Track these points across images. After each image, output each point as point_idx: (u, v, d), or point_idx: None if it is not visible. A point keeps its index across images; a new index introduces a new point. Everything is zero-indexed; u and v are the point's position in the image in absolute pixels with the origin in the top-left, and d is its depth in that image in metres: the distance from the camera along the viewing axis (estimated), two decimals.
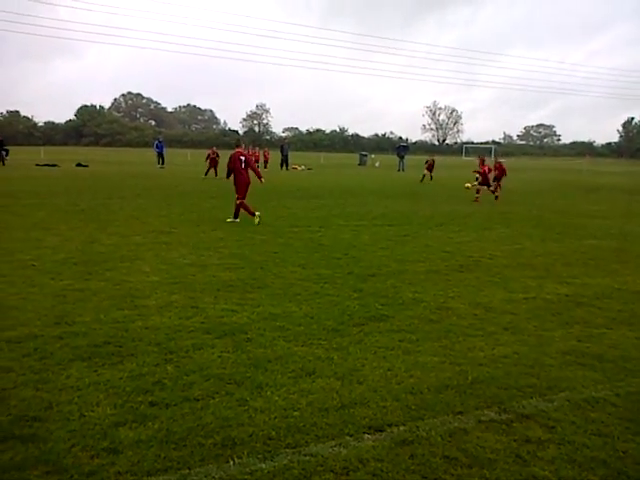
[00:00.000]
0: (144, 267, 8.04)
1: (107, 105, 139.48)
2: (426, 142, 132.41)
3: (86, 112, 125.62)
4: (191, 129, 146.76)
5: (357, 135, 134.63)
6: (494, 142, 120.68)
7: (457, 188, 24.29)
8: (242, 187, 12.91)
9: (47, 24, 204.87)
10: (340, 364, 4.73)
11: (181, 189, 21.56)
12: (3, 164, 35.62)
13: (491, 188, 19.91)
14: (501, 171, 20.66)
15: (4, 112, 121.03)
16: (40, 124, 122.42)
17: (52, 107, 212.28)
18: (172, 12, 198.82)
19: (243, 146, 13.30)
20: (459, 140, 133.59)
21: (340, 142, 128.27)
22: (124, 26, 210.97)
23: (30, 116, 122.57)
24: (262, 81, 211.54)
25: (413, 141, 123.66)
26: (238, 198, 12.93)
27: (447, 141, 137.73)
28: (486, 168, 19.91)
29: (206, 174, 28.22)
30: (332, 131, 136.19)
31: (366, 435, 3.59)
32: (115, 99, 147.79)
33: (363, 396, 4.13)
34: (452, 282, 7.72)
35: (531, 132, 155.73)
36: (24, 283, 6.95)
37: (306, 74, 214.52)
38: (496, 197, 19.69)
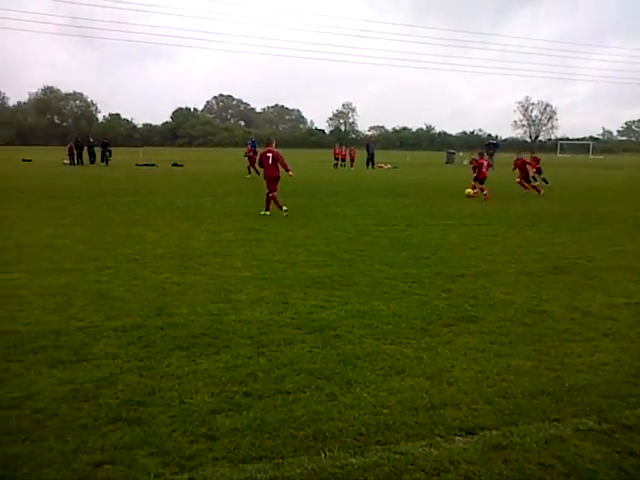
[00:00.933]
0: (236, 263, 8.34)
1: (200, 107, 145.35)
2: (517, 139, 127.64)
3: (181, 114, 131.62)
4: (279, 129, 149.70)
5: (444, 133, 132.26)
6: (592, 138, 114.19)
7: (551, 187, 23.27)
8: (271, 182, 13.91)
9: (144, 30, 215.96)
10: (429, 364, 4.69)
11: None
12: (107, 164, 38.05)
13: (535, 183, 20.03)
14: (525, 165, 20.65)
15: (107, 115, 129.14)
16: (139, 126, 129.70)
17: (149, 110, 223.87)
18: (261, 15, 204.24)
19: (274, 144, 14.44)
20: (553, 137, 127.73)
21: (426, 140, 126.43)
22: (216, 30, 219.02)
23: (130, 119, 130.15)
24: (349, 80, 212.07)
25: (503, 138, 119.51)
26: (270, 192, 13.85)
27: (540, 138, 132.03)
28: (484, 161, 19.49)
29: (249, 172, 27.75)
30: (418, 129, 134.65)
31: (457, 437, 3.54)
32: (207, 101, 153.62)
33: (454, 397, 4.08)
34: (546, 284, 7.42)
35: (633, 127, 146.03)
36: (127, 276, 7.42)
37: (393, 72, 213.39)
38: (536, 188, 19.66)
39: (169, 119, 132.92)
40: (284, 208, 13.59)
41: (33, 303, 6.14)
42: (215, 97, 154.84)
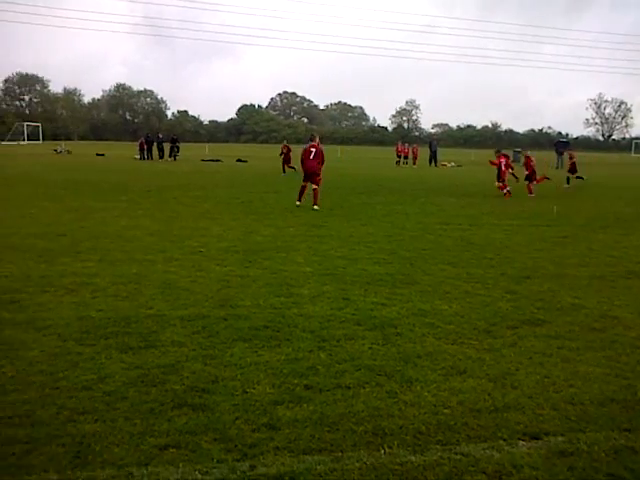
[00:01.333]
0: (298, 258, 8.43)
1: (264, 104, 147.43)
2: (589, 137, 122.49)
3: (245, 111, 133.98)
4: (341, 126, 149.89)
5: (511, 131, 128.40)
6: None
7: (624, 187, 22.22)
8: (310, 176, 14.44)
9: (213, 29, 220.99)
10: (492, 366, 4.60)
11: (331, 185, 22.15)
12: (174, 159, 39.28)
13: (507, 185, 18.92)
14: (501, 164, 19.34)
15: (175, 112, 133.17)
16: (205, 123, 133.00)
17: (215, 107, 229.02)
18: (326, 13, 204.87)
19: (317, 140, 14.91)
20: (627, 135, 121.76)
21: (492, 138, 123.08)
22: (281, 28, 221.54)
23: (197, 115, 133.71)
24: (413, 77, 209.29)
25: (574, 136, 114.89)
26: (315, 183, 14.45)
27: (613, 136, 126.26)
28: (502, 160, 18.96)
29: (284, 171, 27.69)
30: (484, 127, 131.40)
31: (520, 441, 3.45)
32: (272, 98, 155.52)
33: (517, 401, 3.98)
34: (618, 289, 7.11)
35: None
36: (193, 267, 7.64)
37: (459, 68, 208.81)
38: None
39: (234, 116, 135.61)
40: (315, 207, 14.11)
41: (106, 290, 6.43)
42: (279, 94, 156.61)
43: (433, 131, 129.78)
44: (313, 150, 14.45)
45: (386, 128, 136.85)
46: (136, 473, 3.05)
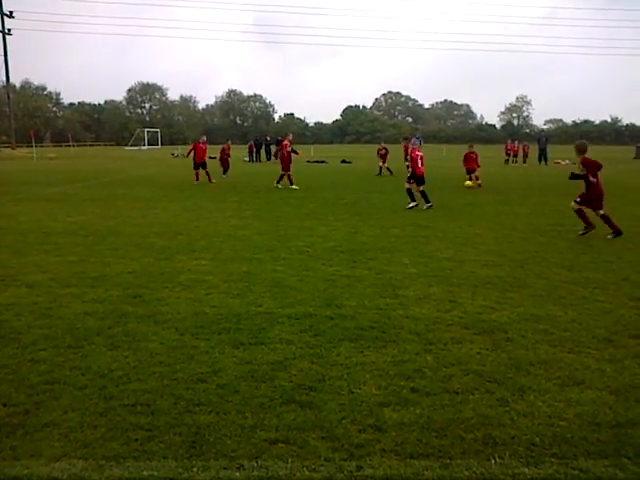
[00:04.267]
0: (403, 259, 8.36)
1: (369, 105, 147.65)
2: None
3: (350, 112, 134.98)
4: (447, 124, 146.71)
5: (633, 125, 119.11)
6: None
7: None
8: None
9: (319, 33, 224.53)
10: (614, 377, 4.29)
11: (436, 184, 21.73)
12: (277, 159, 40.31)
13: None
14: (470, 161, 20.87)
15: (282, 115, 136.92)
16: (311, 124, 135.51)
17: (320, 108, 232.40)
18: (431, 10, 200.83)
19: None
20: None
21: (611, 134, 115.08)
22: (386, 28, 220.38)
23: (302, 117, 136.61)
24: (525, 72, 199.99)
25: None
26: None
27: None
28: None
29: (380, 173, 27.18)
30: (602, 122, 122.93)
31: None
32: (376, 98, 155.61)
33: None
34: None
35: None
36: (300, 266, 7.81)
37: (576, 61, 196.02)
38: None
39: (339, 117, 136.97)
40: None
41: (219, 287, 6.74)
42: (384, 94, 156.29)
43: (545, 127, 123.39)
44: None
45: (494, 126, 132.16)
46: (247, 466, 3.16)
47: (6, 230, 10.78)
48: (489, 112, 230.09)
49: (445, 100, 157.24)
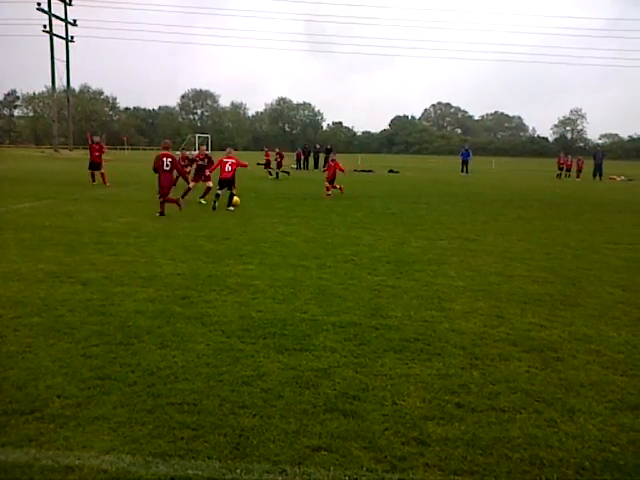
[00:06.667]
0: (450, 272, 8.25)
1: (418, 115, 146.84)
2: None
3: (399, 122, 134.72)
4: (497, 137, 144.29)
5: None
6: None
7: None
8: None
9: (369, 43, 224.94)
10: None
11: (484, 197, 21.41)
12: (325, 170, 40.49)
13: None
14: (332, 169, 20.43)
15: (330, 123, 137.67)
16: (358, 134, 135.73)
17: (369, 118, 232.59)
18: (483, 21, 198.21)
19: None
20: None
21: None
22: (436, 39, 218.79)
23: (350, 127, 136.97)
24: (580, 85, 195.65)
25: None
26: None
27: None
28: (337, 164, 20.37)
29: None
30: None
31: None
32: (425, 109, 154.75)
33: None
34: None
35: None
36: (345, 275, 7.81)
37: (634, 74, 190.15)
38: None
39: (387, 127, 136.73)
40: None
41: (265, 292, 6.81)
42: (433, 105, 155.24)
43: (600, 142, 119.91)
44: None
45: (546, 139, 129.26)
46: (289, 471, 3.18)
47: (63, 229, 11.18)
48: (541, 125, 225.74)
49: (496, 112, 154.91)
